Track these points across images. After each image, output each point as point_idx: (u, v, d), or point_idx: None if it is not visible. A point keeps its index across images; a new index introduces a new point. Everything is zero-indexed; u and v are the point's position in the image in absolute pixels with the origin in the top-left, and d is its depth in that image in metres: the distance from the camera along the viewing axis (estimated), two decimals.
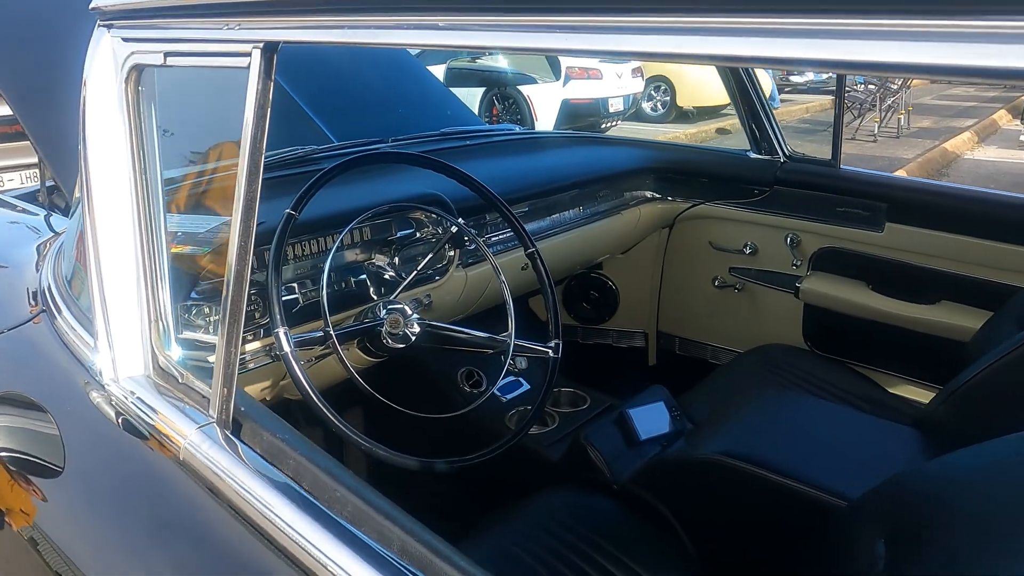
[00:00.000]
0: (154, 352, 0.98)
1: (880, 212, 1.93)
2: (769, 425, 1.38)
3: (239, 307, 0.80)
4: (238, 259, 0.79)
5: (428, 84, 2.27)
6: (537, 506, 1.37)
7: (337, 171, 1.22)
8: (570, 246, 2.00)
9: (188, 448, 0.86)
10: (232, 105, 0.79)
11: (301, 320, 1.34)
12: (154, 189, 0.94)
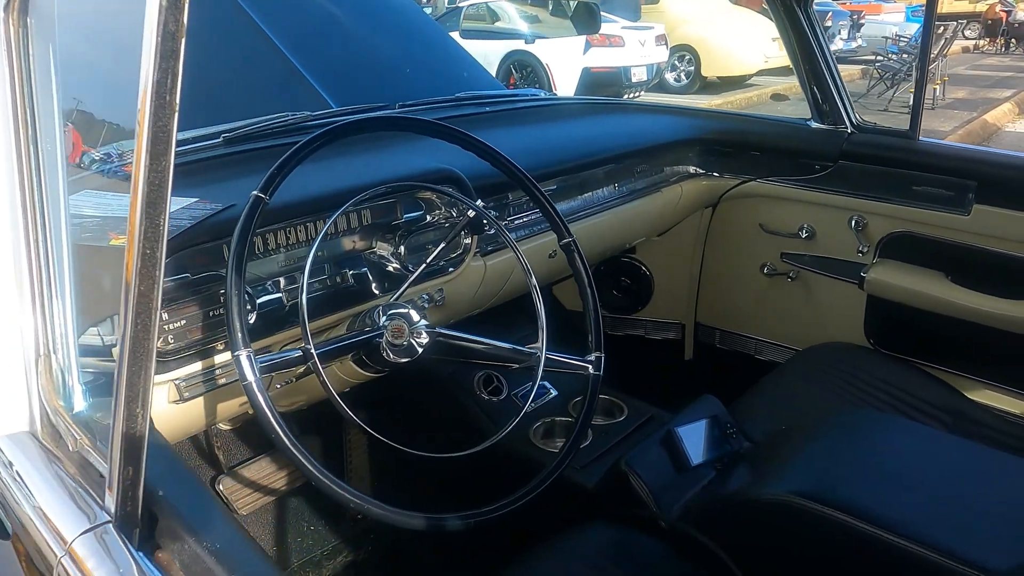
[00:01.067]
0: (42, 400, 0.71)
1: (967, 191, 1.65)
2: (851, 454, 1.13)
3: (144, 342, 0.54)
4: (141, 272, 0.53)
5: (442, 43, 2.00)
6: (571, 545, 1.15)
7: (319, 142, 0.97)
8: (603, 229, 1.75)
9: (65, 566, 0.59)
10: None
11: (287, 325, 1.10)
12: (49, 161, 0.68)
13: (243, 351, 0.82)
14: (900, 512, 0.97)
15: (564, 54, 8.09)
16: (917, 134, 1.73)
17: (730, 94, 9.60)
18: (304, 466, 0.84)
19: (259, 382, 0.82)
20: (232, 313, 0.83)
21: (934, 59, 9.08)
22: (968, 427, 1.52)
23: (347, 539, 1.63)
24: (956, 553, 0.89)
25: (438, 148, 1.23)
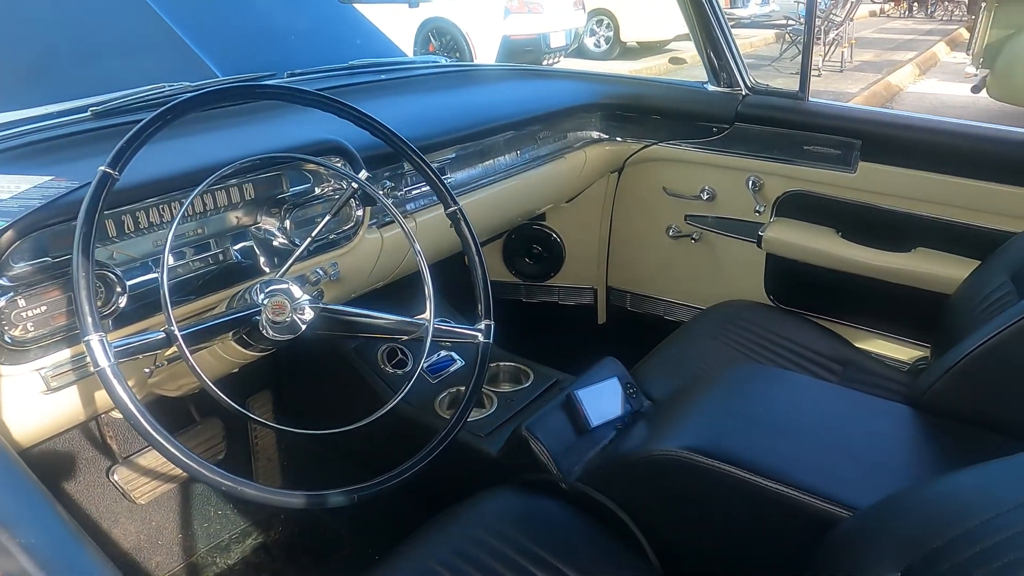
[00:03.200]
0: None
1: (853, 150, 1.71)
2: (742, 409, 1.17)
3: None
4: None
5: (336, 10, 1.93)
6: (474, 511, 1.15)
7: (170, 115, 0.92)
8: (507, 196, 1.74)
9: None
10: None
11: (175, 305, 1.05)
12: None
13: (93, 336, 0.78)
14: (780, 460, 1.01)
15: (483, 21, 7.98)
16: (806, 95, 1.78)
17: (651, 59, 9.69)
18: (167, 450, 0.80)
19: (115, 368, 0.78)
20: (80, 297, 0.79)
21: (841, 23, 9.38)
22: (858, 375, 1.60)
23: (257, 521, 1.60)
24: (827, 494, 0.94)
25: (329, 118, 1.19)
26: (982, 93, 5.77)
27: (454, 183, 1.55)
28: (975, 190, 1.58)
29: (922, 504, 0.78)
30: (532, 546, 1.08)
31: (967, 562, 0.66)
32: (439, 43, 8.31)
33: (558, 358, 1.65)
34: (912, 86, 8.63)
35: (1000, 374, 1.09)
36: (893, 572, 0.75)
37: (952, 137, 1.62)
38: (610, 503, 1.13)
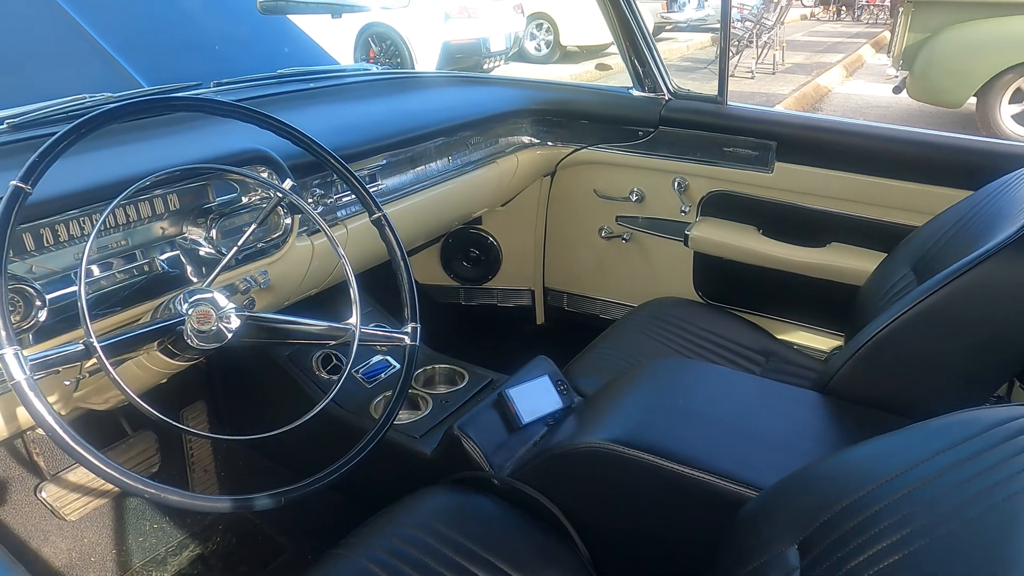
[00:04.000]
0: None
1: (769, 151, 1.80)
2: (664, 401, 1.22)
3: None
4: None
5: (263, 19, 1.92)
6: (406, 513, 1.17)
7: (84, 128, 0.92)
8: (441, 201, 1.77)
9: None
10: None
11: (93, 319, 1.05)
12: None
13: (8, 349, 0.78)
14: (694, 447, 1.07)
15: (423, 26, 7.99)
16: (725, 99, 1.86)
17: (591, 62, 9.83)
18: (86, 460, 0.81)
19: (31, 381, 0.78)
20: None
21: (772, 27, 9.69)
22: (779, 365, 1.68)
23: (193, 533, 1.59)
24: (736, 476, 1.00)
25: (255, 128, 1.19)
26: (903, 94, 6.04)
27: (385, 189, 1.57)
28: (881, 187, 1.68)
29: (816, 480, 0.84)
30: (465, 542, 1.11)
31: (853, 530, 0.72)
32: (379, 49, 8.28)
33: (498, 359, 1.69)
34: (840, 87, 8.97)
35: (896, 358, 1.16)
36: (791, 545, 0.80)
37: (860, 138, 1.72)
38: (539, 496, 1.17)
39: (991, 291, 1.06)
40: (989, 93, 5.48)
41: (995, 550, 0.53)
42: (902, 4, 5.80)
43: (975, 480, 0.64)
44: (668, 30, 12.94)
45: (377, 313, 1.76)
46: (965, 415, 0.74)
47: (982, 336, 1.10)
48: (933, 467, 0.70)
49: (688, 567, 1.07)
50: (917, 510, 0.66)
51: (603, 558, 1.15)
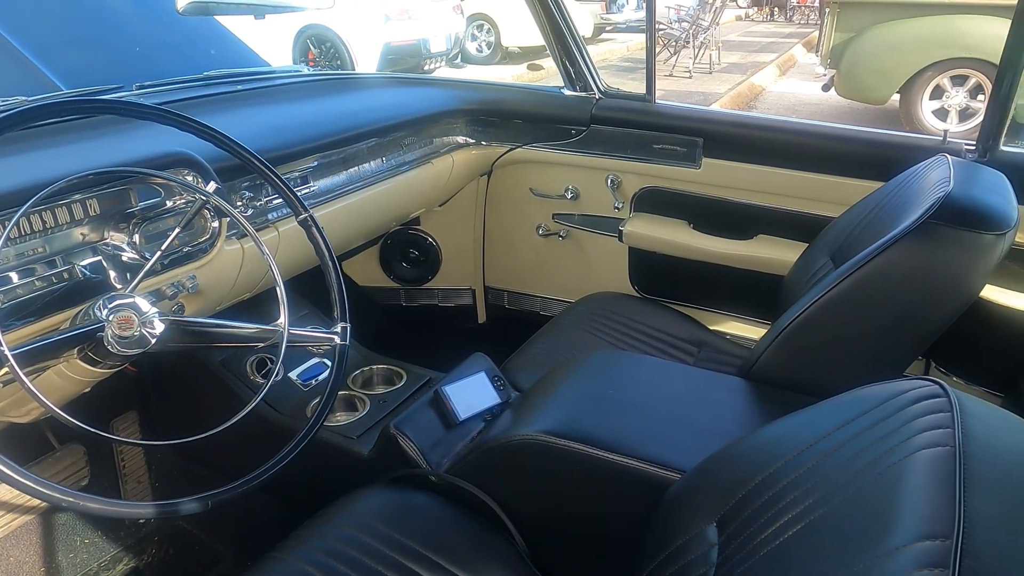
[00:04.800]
0: None
1: (696, 147, 1.85)
2: (596, 392, 1.25)
3: None
4: None
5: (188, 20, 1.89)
6: (343, 514, 1.17)
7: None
8: (376, 202, 1.77)
9: None
10: None
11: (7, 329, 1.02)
12: None
13: None
14: (622, 435, 1.10)
15: (363, 28, 7.92)
16: (653, 98, 1.91)
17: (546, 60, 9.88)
18: None
19: None
20: None
21: (707, 27, 9.92)
22: (711, 355, 1.73)
23: (127, 547, 1.56)
24: (661, 460, 1.03)
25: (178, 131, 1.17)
26: (831, 91, 6.27)
27: (317, 191, 1.56)
28: (802, 180, 1.75)
29: (733, 459, 0.88)
30: (403, 539, 1.11)
31: (764, 504, 0.76)
32: (319, 51, 8.18)
33: (440, 359, 1.70)
34: (773, 86, 9.24)
35: (812, 342, 1.22)
36: (711, 523, 0.84)
37: (780, 133, 1.79)
38: (475, 490, 1.19)
39: (895, 276, 1.12)
40: (911, 90, 5.73)
41: (879, 513, 0.57)
42: (828, 5, 6.02)
43: (869, 450, 0.68)
44: (608, 31, 13.11)
45: (314, 315, 1.74)
46: (864, 390, 0.79)
47: (889, 318, 1.16)
48: (834, 440, 0.74)
49: (621, 553, 1.10)
50: (818, 482, 0.70)
51: (540, 549, 1.18)
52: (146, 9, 1.83)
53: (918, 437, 0.63)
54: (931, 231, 1.10)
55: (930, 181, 1.28)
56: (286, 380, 1.55)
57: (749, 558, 0.71)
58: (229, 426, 0.97)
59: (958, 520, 0.51)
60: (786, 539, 0.67)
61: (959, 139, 1.65)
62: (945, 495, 0.54)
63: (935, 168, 1.33)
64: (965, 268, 1.11)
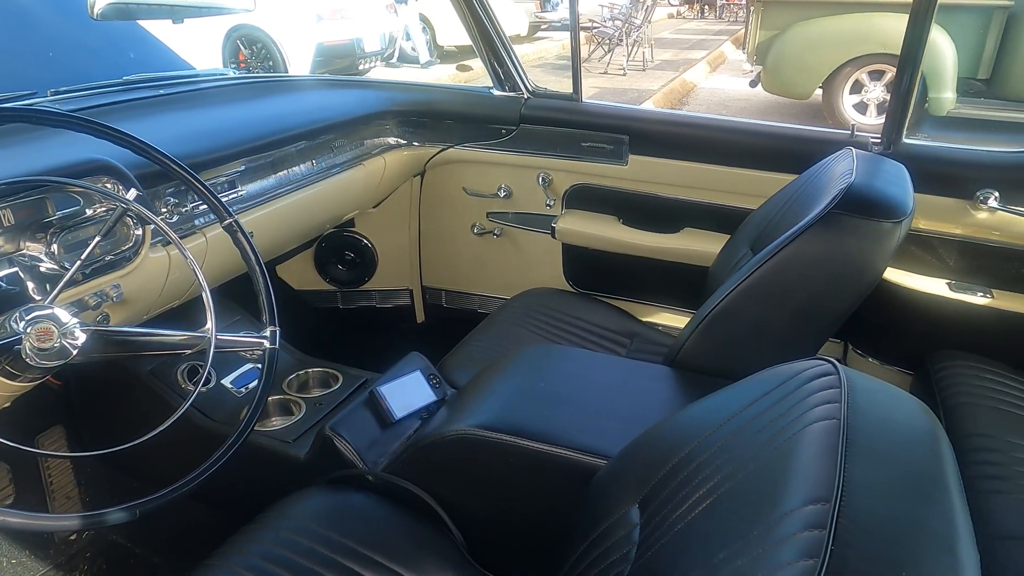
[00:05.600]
0: None
1: (623, 145, 1.91)
2: (528, 386, 1.29)
3: None
4: None
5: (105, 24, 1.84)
6: (280, 517, 1.17)
7: None
8: (307, 205, 1.76)
9: None
10: None
11: None
12: None
13: None
14: (552, 425, 1.13)
15: (294, 28, 7.79)
16: (580, 96, 1.95)
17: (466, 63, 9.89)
18: None
19: None
20: None
21: (640, 25, 10.10)
22: (642, 346, 1.78)
23: (58, 564, 1.52)
24: (588, 448, 1.07)
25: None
26: (759, 87, 6.47)
27: (245, 196, 1.55)
28: (724, 174, 1.82)
29: (653, 442, 0.92)
30: (342, 539, 1.12)
31: (680, 483, 0.80)
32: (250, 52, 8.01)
33: (378, 360, 1.70)
34: (704, 82, 9.48)
35: (730, 328, 1.28)
36: (633, 504, 0.88)
37: (702, 129, 1.85)
38: (412, 487, 1.20)
39: (804, 263, 1.19)
40: (832, 85, 5.96)
41: (774, 483, 0.61)
42: (752, 4, 6.22)
43: (770, 426, 0.73)
44: (544, 29, 13.22)
45: (246, 321, 1.73)
46: (769, 371, 0.84)
47: (800, 303, 1.23)
48: (741, 419, 0.78)
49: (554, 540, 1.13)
50: (727, 459, 0.75)
51: (478, 541, 1.20)
52: (62, 12, 1.78)
53: (811, 412, 0.68)
54: (834, 220, 1.17)
55: (836, 173, 1.35)
56: (220, 387, 1.54)
57: (666, 534, 0.75)
58: (157, 434, 0.96)
59: (838, 486, 0.55)
60: (697, 514, 0.72)
61: (868, 132, 1.75)
62: (829, 464, 0.58)
63: (841, 161, 1.41)
64: (866, 254, 1.18)
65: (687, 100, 8.35)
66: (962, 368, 1.58)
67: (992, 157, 1.61)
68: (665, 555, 0.70)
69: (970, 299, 1.64)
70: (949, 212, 1.64)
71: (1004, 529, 1.16)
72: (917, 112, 5.28)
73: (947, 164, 1.64)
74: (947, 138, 4.21)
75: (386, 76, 8.20)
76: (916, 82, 1.61)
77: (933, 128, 5.32)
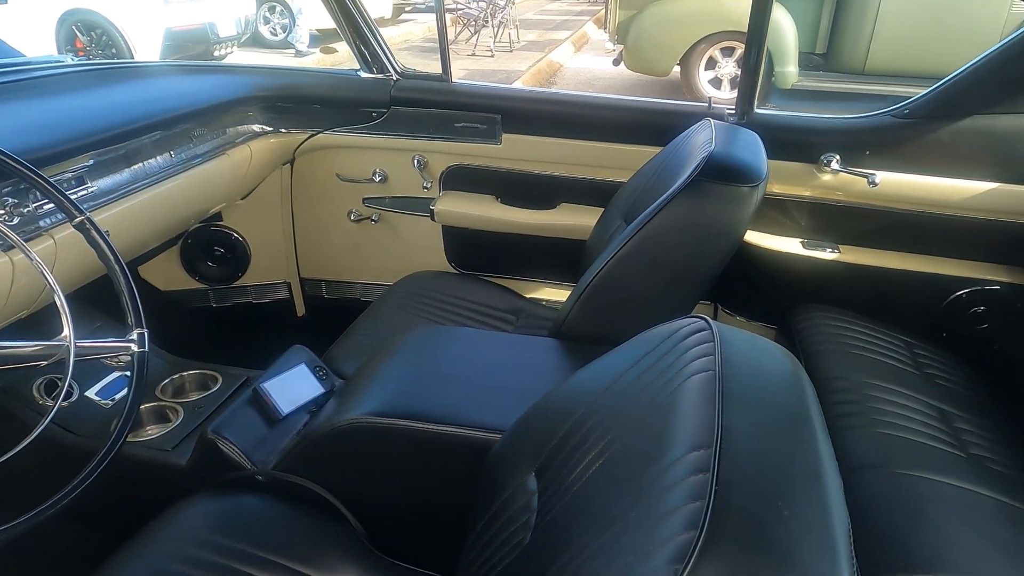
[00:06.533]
0: None
1: (496, 124, 1.92)
2: (417, 369, 1.28)
3: None
4: None
5: None
6: (166, 529, 1.11)
7: None
8: (168, 200, 1.66)
9: None
10: None
11: None
12: None
13: None
14: (444, 405, 1.14)
15: (137, 12, 7.24)
16: (449, 77, 1.95)
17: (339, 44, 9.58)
18: None
19: None
20: None
21: (504, 6, 10.15)
22: (528, 321, 1.82)
23: None
24: (481, 424, 1.08)
25: None
26: (621, 66, 6.69)
27: (97, 192, 1.44)
28: (594, 149, 1.88)
29: (544, 411, 0.94)
30: (234, 544, 1.08)
31: (573, 448, 0.83)
32: (89, 39, 7.38)
33: (260, 357, 1.64)
34: (570, 62, 9.68)
35: (610, 296, 1.33)
36: (529, 473, 0.90)
37: (571, 107, 1.90)
38: (304, 482, 1.17)
39: (673, 229, 1.25)
40: (688, 61, 6.26)
41: (659, 435, 0.65)
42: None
43: (653, 384, 0.76)
44: (408, 11, 13.02)
45: (109, 327, 1.61)
46: (649, 332, 0.88)
47: (672, 267, 1.29)
48: (626, 380, 0.82)
49: (456, 521, 1.14)
50: (615, 419, 0.78)
51: (379, 531, 1.19)
52: None
53: (689, 366, 0.72)
54: (699, 187, 1.23)
55: (697, 143, 1.43)
56: (84, 399, 1.43)
57: (563, 498, 0.78)
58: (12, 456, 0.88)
59: (717, 432, 0.59)
60: (591, 474, 0.74)
61: (723, 105, 1.85)
62: (708, 412, 0.62)
63: (701, 131, 1.49)
64: (729, 217, 1.26)
65: (555, 80, 8.51)
66: (818, 319, 1.73)
67: (832, 124, 1.75)
68: (564, 517, 0.73)
69: (821, 255, 1.79)
70: (798, 175, 1.77)
71: (859, 460, 1.28)
72: (765, 85, 5.67)
73: (794, 131, 1.76)
74: (793, 108, 4.54)
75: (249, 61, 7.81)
76: (763, 57, 1.72)
77: (780, 99, 5.70)
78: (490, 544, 0.88)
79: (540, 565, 0.71)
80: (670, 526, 0.53)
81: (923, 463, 1.27)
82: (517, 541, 0.82)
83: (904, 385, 1.50)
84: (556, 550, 0.69)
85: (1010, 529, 1.16)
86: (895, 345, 1.67)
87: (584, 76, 8.64)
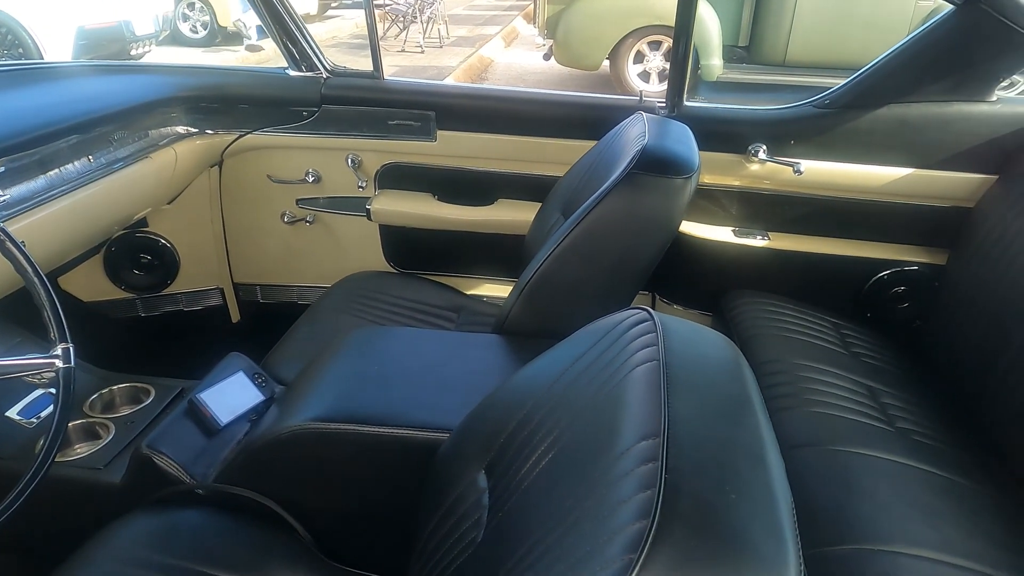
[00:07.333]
0: None
1: (430, 121, 1.90)
2: (359, 371, 1.26)
3: None
4: None
5: None
6: (102, 550, 1.07)
7: None
8: (89, 207, 1.58)
9: None
10: None
11: None
12: None
13: None
14: (389, 407, 1.12)
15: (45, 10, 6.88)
16: (381, 74, 1.92)
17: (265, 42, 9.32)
18: None
19: None
20: None
21: (433, 2, 10.08)
22: (470, 318, 1.81)
23: None
24: (428, 424, 1.08)
25: None
26: (552, 60, 6.73)
27: (11, 201, 1.36)
28: (529, 144, 1.88)
29: (492, 408, 0.94)
30: (175, 561, 1.04)
31: (522, 442, 0.83)
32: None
33: (195, 367, 1.58)
34: (501, 57, 9.69)
35: (551, 290, 1.34)
36: (480, 471, 0.90)
37: (505, 103, 1.90)
38: (247, 492, 1.14)
39: (611, 222, 1.27)
40: (617, 56, 6.35)
41: (608, 426, 0.66)
42: None
43: (599, 375, 0.77)
44: (335, 7, 12.78)
45: (30, 343, 1.53)
46: (593, 325, 0.89)
47: (611, 259, 1.31)
48: (572, 373, 0.83)
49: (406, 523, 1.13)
50: (563, 412, 0.78)
51: (328, 537, 1.17)
52: None
53: (633, 356, 0.73)
54: (634, 180, 1.25)
55: (631, 136, 1.45)
56: (4, 420, 1.35)
57: (514, 493, 0.78)
58: None
59: (663, 420, 0.60)
60: (542, 468, 0.75)
61: (654, 98, 1.88)
62: (654, 401, 0.63)
63: (634, 125, 1.51)
64: (664, 208, 1.29)
65: (486, 75, 8.50)
66: (751, 304, 1.78)
67: (758, 115, 1.81)
68: (516, 512, 0.73)
69: (751, 243, 1.84)
70: (728, 166, 1.82)
71: (795, 439, 1.33)
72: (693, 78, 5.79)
73: (723, 123, 1.81)
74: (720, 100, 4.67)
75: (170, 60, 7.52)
76: (690, 51, 1.76)
77: (708, 92, 5.85)
78: (442, 544, 0.88)
79: (494, 562, 0.71)
80: (623, 516, 0.53)
81: (854, 439, 1.33)
82: (470, 539, 0.82)
83: (834, 365, 1.56)
84: (509, 546, 0.69)
85: (937, 496, 1.23)
86: (823, 327, 1.74)
87: (516, 71, 8.66)
